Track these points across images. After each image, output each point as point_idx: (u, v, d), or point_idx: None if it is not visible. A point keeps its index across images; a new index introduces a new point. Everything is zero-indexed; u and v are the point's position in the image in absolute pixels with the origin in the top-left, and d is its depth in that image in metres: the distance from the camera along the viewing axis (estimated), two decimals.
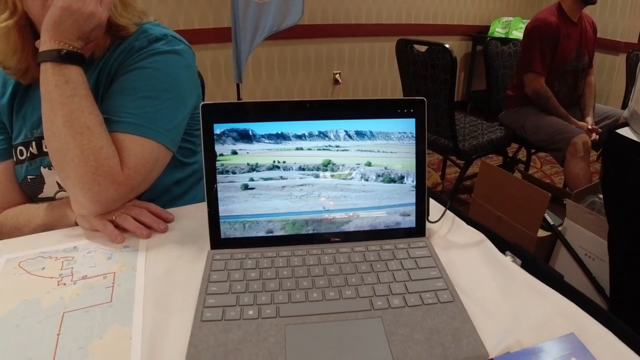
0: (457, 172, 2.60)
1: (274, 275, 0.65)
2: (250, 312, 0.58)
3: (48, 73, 0.79)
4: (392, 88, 4.27)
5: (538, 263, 0.72)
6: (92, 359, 0.53)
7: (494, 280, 0.67)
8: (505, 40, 2.81)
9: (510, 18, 4.34)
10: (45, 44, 0.79)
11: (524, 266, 0.71)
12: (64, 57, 0.79)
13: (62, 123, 0.77)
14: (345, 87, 4.08)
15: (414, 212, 0.75)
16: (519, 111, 2.50)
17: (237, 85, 2.74)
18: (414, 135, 0.73)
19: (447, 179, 3.11)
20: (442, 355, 0.52)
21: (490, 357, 0.52)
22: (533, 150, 2.90)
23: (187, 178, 1.05)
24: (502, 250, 0.74)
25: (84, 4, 0.79)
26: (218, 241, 0.71)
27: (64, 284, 0.66)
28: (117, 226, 0.78)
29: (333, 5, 3.75)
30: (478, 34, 4.48)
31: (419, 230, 0.75)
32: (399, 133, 0.72)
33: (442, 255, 0.71)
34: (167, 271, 0.69)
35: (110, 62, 0.91)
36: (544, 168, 3.42)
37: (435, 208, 0.86)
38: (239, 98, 2.89)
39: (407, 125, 0.72)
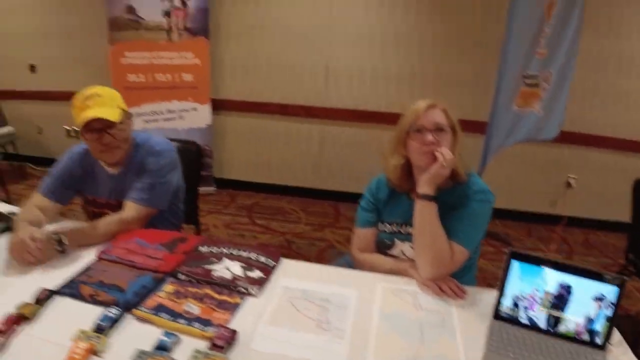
0: None
1: None
2: None
3: (424, 204, 1.55)
4: None
5: None
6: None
7: None
8: None
9: None
10: (422, 188, 1.56)
11: None
12: (429, 198, 1.54)
13: (429, 232, 1.54)
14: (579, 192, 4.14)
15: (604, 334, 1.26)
16: None
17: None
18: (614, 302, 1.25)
19: None
20: None
21: None
22: None
23: None
24: None
25: (444, 170, 1.52)
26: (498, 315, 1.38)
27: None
28: (439, 287, 1.52)
29: (593, 116, 3.90)
30: None
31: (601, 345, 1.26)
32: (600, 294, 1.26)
33: None
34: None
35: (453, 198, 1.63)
36: None
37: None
38: None
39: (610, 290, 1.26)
